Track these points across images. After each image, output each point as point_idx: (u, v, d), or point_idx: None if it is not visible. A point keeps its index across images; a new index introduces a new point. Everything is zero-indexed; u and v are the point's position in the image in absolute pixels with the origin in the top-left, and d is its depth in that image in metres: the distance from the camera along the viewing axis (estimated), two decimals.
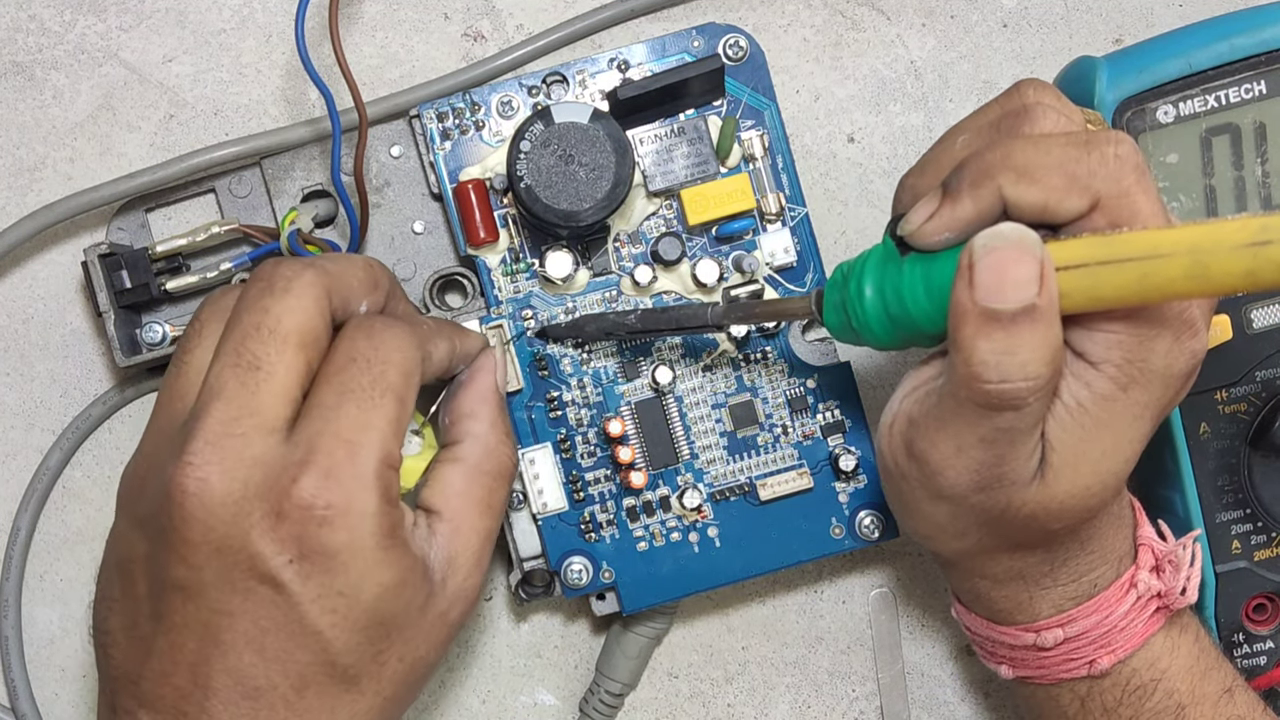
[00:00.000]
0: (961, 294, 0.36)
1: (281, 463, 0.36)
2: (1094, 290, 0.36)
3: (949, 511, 0.41)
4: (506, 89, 0.49)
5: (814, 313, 0.43)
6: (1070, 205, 0.37)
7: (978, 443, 0.38)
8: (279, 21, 0.52)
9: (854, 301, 0.40)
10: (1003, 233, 0.36)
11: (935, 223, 0.38)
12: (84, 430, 0.51)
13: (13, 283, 0.52)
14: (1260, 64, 0.46)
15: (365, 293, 0.40)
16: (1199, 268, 0.34)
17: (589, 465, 0.49)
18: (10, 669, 0.51)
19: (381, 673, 0.38)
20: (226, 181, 0.50)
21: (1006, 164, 0.37)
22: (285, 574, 0.36)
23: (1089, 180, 0.36)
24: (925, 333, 0.39)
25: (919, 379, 0.41)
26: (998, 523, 0.40)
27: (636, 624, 0.51)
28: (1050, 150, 0.37)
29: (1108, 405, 0.38)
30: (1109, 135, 0.37)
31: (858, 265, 0.40)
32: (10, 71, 0.52)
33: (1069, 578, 0.42)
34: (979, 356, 0.36)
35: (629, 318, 0.47)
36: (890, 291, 0.39)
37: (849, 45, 0.53)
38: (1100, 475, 0.39)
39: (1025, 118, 0.39)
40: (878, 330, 0.40)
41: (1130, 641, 0.42)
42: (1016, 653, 0.44)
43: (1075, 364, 0.38)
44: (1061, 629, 0.42)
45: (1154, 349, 0.37)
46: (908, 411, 0.41)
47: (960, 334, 0.37)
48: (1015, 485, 0.39)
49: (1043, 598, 0.43)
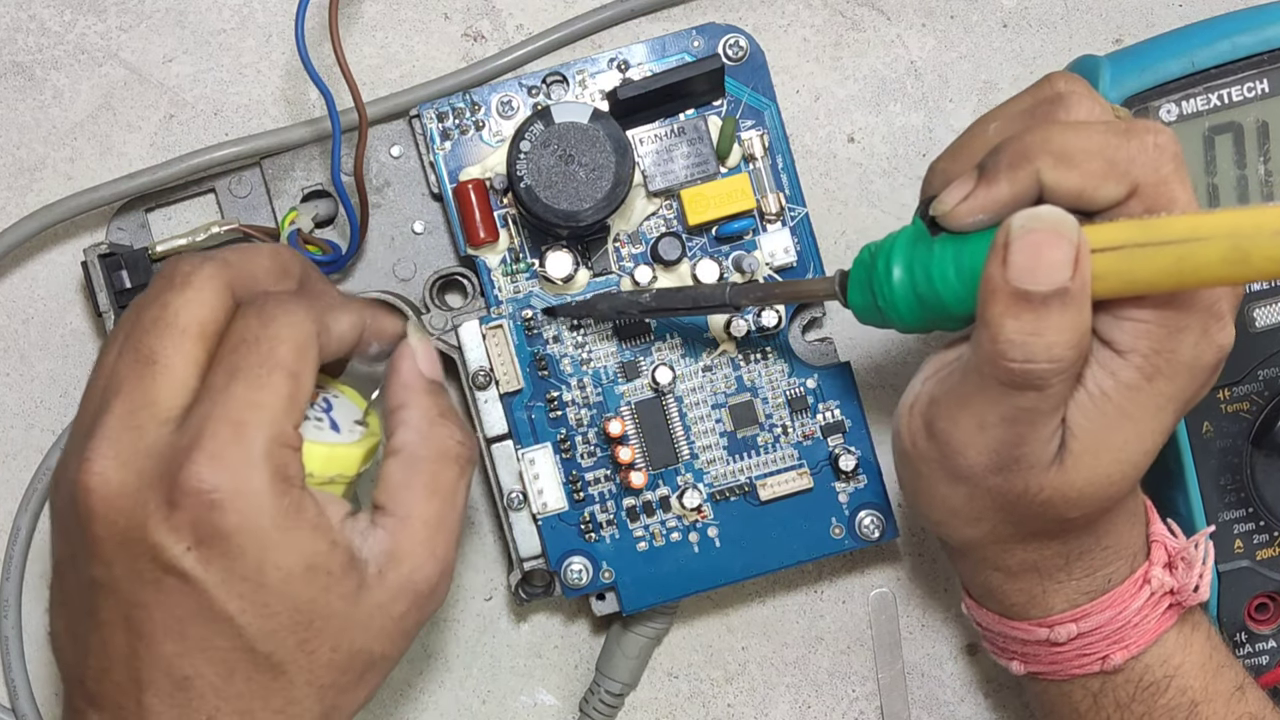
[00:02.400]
0: (994, 272, 0.36)
1: (172, 450, 0.36)
2: (1130, 273, 0.36)
3: (966, 493, 0.40)
4: (506, 89, 0.49)
5: (837, 293, 0.42)
6: (1108, 192, 0.37)
7: (999, 421, 0.38)
8: (279, 21, 0.52)
9: (882, 281, 0.40)
10: (1041, 215, 0.36)
11: (970, 204, 0.38)
12: None
13: (13, 283, 0.52)
14: (1262, 63, 0.46)
15: (272, 281, 0.40)
16: (1238, 252, 0.34)
17: (589, 465, 0.49)
18: (10, 669, 0.51)
19: (313, 661, 0.38)
20: (226, 181, 0.50)
21: (1045, 148, 0.37)
22: (186, 562, 0.36)
23: (1128, 167, 0.37)
24: (953, 314, 0.39)
25: (942, 361, 0.41)
26: (1014, 508, 0.40)
27: (636, 624, 0.51)
28: (1090, 136, 0.37)
29: (1132, 395, 0.38)
30: (1148, 125, 0.37)
31: (886, 245, 0.40)
32: (10, 71, 0.52)
33: (1083, 572, 0.42)
34: (1005, 335, 0.36)
35: (643, 297, 0.47)
36: (920, 272, 0.39)
37: (849, 45, 0.53)
38: (1120, 465, 0.39)
39: (1060, 104, 0.39)
40: (904, 311, 0.40)
41: (1144, 637, 0.42)
42: (1029, 648, 0.44)
43: (1101, 351, 0.38)
44: (1075, 624, 0.42)
45: (1182, 340, 0.37)
46: (930, 391, 0.41)
47: (989, 311, 0.37)
48: (1034, 468, 0.39)
49: (1056, 592, 0.42)
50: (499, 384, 0.48)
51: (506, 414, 0.48)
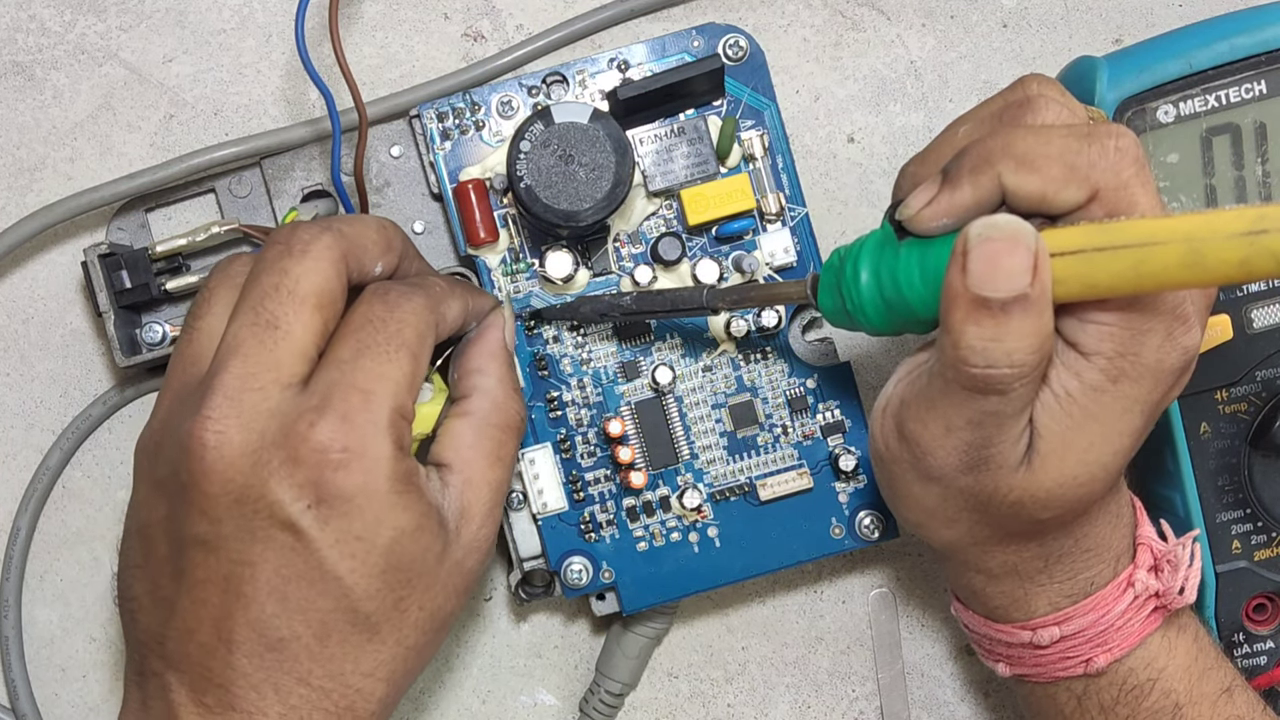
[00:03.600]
0: (954, 279, 0.37)
1: (297, 411, 0.37)
2: (1089, 277, 0.36)
3: (939, 494, 0.41)
4: (506, 89, 0.49)
5: (809, 296, 0.43)
6: (1069, 195, 0.37)
7: (965, 424, 0.38)
8: (279, 21, 0.52)
9: (850, 285, 0.40)
10: (997, 223, 0.36)
11: (933, 208, 0.38)
12: (84, 430, 0.51)
13: (13, 283, 0.52)
14: (1260, 64, 0.46)
15: (379, 254, 0.41)
16: (1194, 255, 0.34)
17: (589, 465, 0.49)
18: (10, 669, 0.51)
19: (403, 621, 0.38)
20: (226, 181, 0.50)
21: (1007, 152, 0.37)
22: (304, 519, 0.36)
23: (1088, 171, 0.37)
24: (919, 318, 0.39)
25: (912, 364, 0.42)
26: (986, 508, 0.40)
27: (636, 624, 0.51)
28: (1051, 140, 0.37)
29: (1096, 397, 0.38)
30: (1110, 128, 0.37)
31: (854, 249, 0.41)
32: (10, 71, 0.52)
33: (1064, 575, 0.42)
34: (966, 341, 0.37)
35: (625, 299, 0.47)
36: (886, 275, 0.39)
37: (849, 45, 0.53)
38: (1088, 466, 0.39)
39: (1028, 108, 0.39)
40: (872, 314, 0.40)
41: (1127, 641, 0.42)
42: (1013, 650, 0.44)
43: (1066, 354, 0.38)
44: (1058, 627, 0.42)
45: (1146, 343, 0.37)
46: (900, 394, 0.41)
47: (950, 317, 0.37)
48: (1002, 469, 0.39)
49: (1038, 595, 0.43)
50: None
51: None
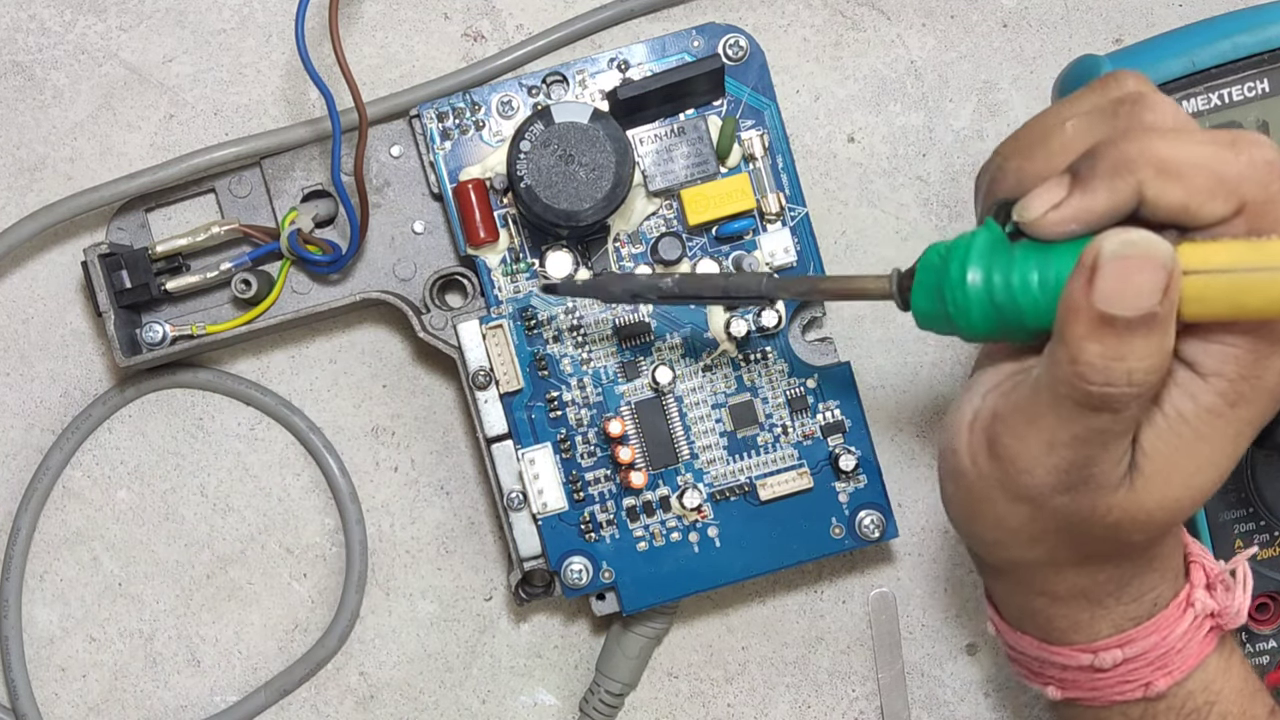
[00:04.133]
0: (1077, 292, 0.34)
1: None
2: (1238, 298, 0.34)
3: (1028, 514, 0.38)
4: (506, 89, 0.49)
5: (894, 295, 0.39)
6: (1213, 209, 0.34)
7: (1070, 440, 0.36)
8: (279, 21, 0.52)
9: (955, 287, 0.36)
10: (1135, 241, 0.34)
11: (1061, 212, 0.35)
12: (84, 430, 0.51)
13: (13, 283, 0.52)
14: (1263, 62, 0.46)
15: None
16: None
17: (589, 465, 0.49)
18: (10, 669, 0.51)
19: None
20: (226, 181, 0.50)
21: (1147, 157, 0.34)
22: None
23: (1237, 184, 0.34)
24: (1028, 327, 0.36)
25: (999, 375, 0.39)
26: (1077, 529, 0.38)
27: (636, 624, 0.51)
28: (1195, 148, 0.34)
29: (1210, 419, 0.36)
30: (1253, 137, 0.35)
31: (959, 248, 0.36)
32: (10, 71, 0.52)
33: (1132, 596, 0.40)
34: (1086, 357, 0.34)
35: (665, 281, 0.44)
36: (999, 280, 0.36)
37: (849, 45, 0.53)
38: (1190, 490, 0.37)
39: (1144, 105, 0.36)
40: (977, 320, 0.37)
41: (1187, 663, 0.40)
42: (1068, 674, 0.42)
43: (1182, 373, 0.36)
44: (1121, 650, 0.40)
45: (1270, 366, 0.35)
46: (992, 407, 0.38)
47: (1069, 331, 0.34)
48: (1102, 489, 0.37)
49: (1104, 617, 0.40)
50: (499, 384, 0.48)
51: (506, 414, 0.48)
